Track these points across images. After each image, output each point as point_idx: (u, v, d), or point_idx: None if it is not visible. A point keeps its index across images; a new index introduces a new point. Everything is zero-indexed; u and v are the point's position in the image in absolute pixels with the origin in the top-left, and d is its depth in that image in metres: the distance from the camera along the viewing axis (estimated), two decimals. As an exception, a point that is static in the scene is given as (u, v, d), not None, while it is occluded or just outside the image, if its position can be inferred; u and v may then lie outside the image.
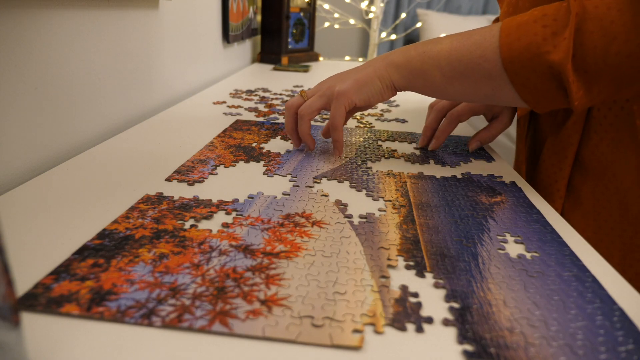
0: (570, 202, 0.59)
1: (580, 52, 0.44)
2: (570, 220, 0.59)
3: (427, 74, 0.51)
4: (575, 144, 0.57)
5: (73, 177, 0.48)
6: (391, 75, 0.53)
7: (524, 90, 0.48)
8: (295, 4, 1.44)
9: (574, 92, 0.45)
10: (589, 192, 0.57)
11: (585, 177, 0.57)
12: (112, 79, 0.67)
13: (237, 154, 0.57)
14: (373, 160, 0.58)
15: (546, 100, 0.48)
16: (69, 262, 0.33)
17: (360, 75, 0.54)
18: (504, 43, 0.47)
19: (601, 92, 0.46)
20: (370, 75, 0.53)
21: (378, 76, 0.53)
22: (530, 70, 0.46)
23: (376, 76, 0.53)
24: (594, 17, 0.43)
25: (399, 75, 0.53)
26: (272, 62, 1.44)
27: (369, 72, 0.54)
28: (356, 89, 0.53)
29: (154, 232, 0.38)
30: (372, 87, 0.53)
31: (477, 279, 0.34)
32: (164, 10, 0.82)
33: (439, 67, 0.50)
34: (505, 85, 0.48)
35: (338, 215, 0.43)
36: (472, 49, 0.49)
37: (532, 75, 0.46)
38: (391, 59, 0.53)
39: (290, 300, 0.31)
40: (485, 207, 0.46)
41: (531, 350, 0.27)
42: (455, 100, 0.54)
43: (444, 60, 0.50)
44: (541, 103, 0.48)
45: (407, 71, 0.52)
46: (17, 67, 0.48)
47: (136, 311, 0.29)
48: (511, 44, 0.46)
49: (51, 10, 0.53)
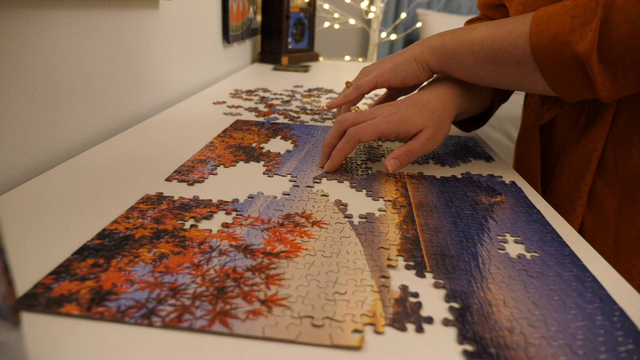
0: (591, 209, 0.57)
1: (606, 43, 0.44)
2: (590, 228, 0.57)
3: (460, 57, 0.54)
4: (600, 149, 0.56)
5: (73, 177, 0.48)
6: (427, 57, 0.55)
7: (551, 78, 0.49)
8: (295, 4, 1.44)
9: (599, 83, 0.46)
10: (612, 200, 0.55)
11: (608, 183, 0.56)
12: (112, 78, 0.67)
13: (237, 154, 0.57)
14: (373, 160, 0.58)
15: (573, 89, 0.48)
16: (69, 262, 0.33)
17: (398, 57, 0.57)
18: (534, 32, 0.48)
19: (628, 83, 0.46)
20: (407, 57, 0.56)
21: (414, 58, 0.56)
22: (557, 59, 0.47)
23: (412, 58, 0.56)
24: (621, 9, 0.43)
25: (434, 57, 0.55)
26: (272, 62, 1.44)
27: (406, 55, 0.57)
28: (392, 69, 0.56)
29: (154, 232, 0.38)
30: (408, 68, 0.56)
31: (477, 279, 0.34)
32: (164, 10, 0.82)
33: (472, 51, 0.53)
34: (533, 72, 0.50)
35: (338, 215, 0.43)
36: (503, 36, 0.50)
37: (558, 64, 0.47)
38: (428, 42, 0.56)
39: (290, 300, 0.31)
40: (485, 207, 0.46)
41: (531, 350, 0.27)
42: (485, 84, 0.56)
43: (477, 45, 0.52)
44: (569, 91, 0.49)
45: (442, 53, 0.55)
46: (17, 67, 0.48)
47: (136, 311, 0.29)
48: (540, 32, 0.47)
49: (51, 10, 0.53)
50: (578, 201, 0.57)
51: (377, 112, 0.53)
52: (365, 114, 0.53)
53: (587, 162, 0.57)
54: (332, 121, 0.76)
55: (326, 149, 0.54)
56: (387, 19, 2.95)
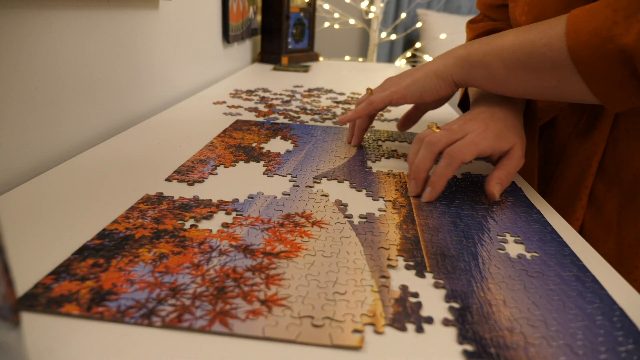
0: (591, 212, 0.57)
1: None
2: (591, 231, 0.57)
3: (488, 65, 0.49)
4: (600, 152, 0.55)
5: (73, 177, 0.48)
6: (450, 70, 0.52)
7: (592, 81, 0.43)
8: (295, 4, 1.44)
9: None
10: (613, 202, 0.55)
11: (609, 186, 0.55)
12: (112, 78, 0.67)
13: (237, 154, 0.57)
14: (373, 160, 0.58)
15: (618, 92, 0.43)
16: (69, 262, 0.33)
17: (418, 72, 0.54)
18: (571, 29, 0.43)
19: None
20: (427, 71, 0.53)
21: (435, 72, 0.53)
22: (598, 57, 0.42)
23: (433, 72, 0.53)
24: None
25: (459, 68, 0.51)
26: (272, 62, 1.44)
27: (426, 69, 0.54)
28: (409, 85, 0.54)
29: (154, 232, 0.38)
30: (426, 83, 0.53)
31: (477, 279, 0.34)
32: (164, 10, 0.82)
33: (501, 57, 0.48)
34: (571, 76, 0.44)
35: (338, 215, 0.43)
36: (536, 37, 0.46)
37: (600, 62, 0.42)
38: (453, 53, 0.53)
39: (290, 300, 0.31)
40: (485, 207, 0.46)
41: (531, 350, 0.27)
42: (516, 94, 0.51)
43: (507, 51, 0.48)
44: (613, 96, 0.44)
45: (467, 63, 0.51)
46: (17, 67, 0.48)
47: (136, 311, 0.29)
48: (578, 30, 0.42)
49: (51, 10, 0.53)
50: (578, 203, 0.57)
51: (466, 128, 0.49)
52: (455, 132, 0.49)
53: (588, 165, 0.56)
54: (332, 121, 0.76)
55: (422, 174, 0.48)
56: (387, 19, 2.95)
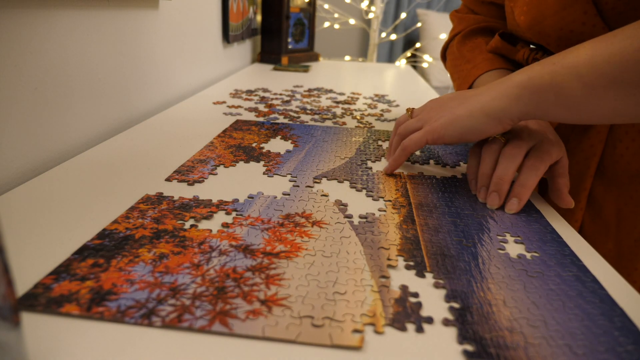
0: (590, 213, 0.57)
1: None
2: (589, 232, 0.57)
3: (560, 87, 0.40)
4: (599, 154, 0.54)
5: (73, 177, 0.48)
6: (503, 104, 0.44)
7: None
8: (295, 4, 1.44)
9: None
10: (611, 204, 0.55)
11: (608, 187, 0.55)
12: (112, 78, 0.67)
13: (237, 154, 0.57)
14: (373, 160, 0.58)
15: None
16: (69, 262, 0.33)
17: (459, 109, 0.47)
18: None
19: None
20: (472, 109, 0.46)
21: (483, 110, 0.45)
22: None
23: (480, 110, 0.45)
24: None
25: (516, 101, 0.43)
26: (272, 62, 1.44)
27: (471, 105, 0.46)
28: (446, 125, 0.47)
29: (154, 232, 0.38)
30: (469, 122, 0.46)
31: (477, 279, 0.34)
32: (164, 10, 0.82)
33: (579, 75, 0.39)
34: None
35: (338, 215, 0.43)
36: (625, 44, 0.37)
37: None
38: (508, 81, 0.44)
39: (290, 300, 0.31)
40: (485, 207, 0.46)
41: (531, 350, 0.27)
42: (599, 120, 0.42)
43: (586, 67, 0.39)
44: None
45: (530, 90, 0.42)
46: (17, 67, 0.48)
47: (136, 311, 0.29)
48: None
49: (51, 10, 0.53)
50: (577, 205, 0.57)
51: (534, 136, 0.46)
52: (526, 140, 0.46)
53: (586, 167, 0.56)
54: (332, 121, 0.76)
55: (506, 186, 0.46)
56: (387, 19, 2.95)
